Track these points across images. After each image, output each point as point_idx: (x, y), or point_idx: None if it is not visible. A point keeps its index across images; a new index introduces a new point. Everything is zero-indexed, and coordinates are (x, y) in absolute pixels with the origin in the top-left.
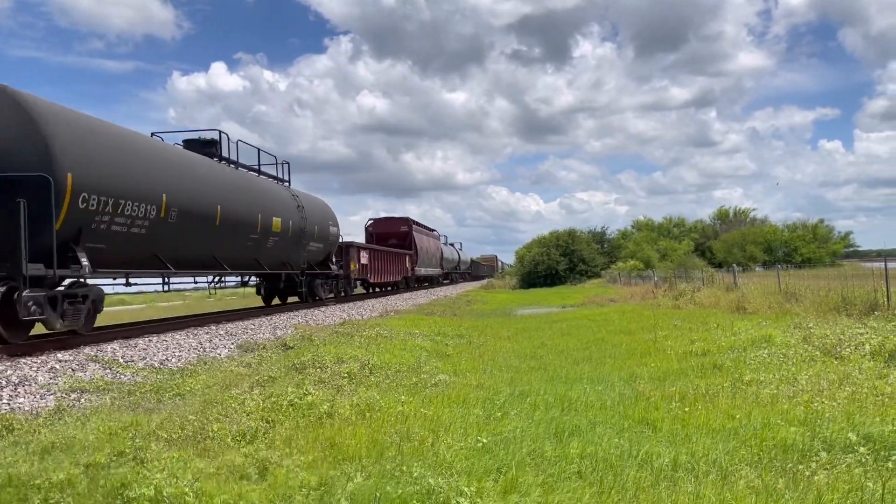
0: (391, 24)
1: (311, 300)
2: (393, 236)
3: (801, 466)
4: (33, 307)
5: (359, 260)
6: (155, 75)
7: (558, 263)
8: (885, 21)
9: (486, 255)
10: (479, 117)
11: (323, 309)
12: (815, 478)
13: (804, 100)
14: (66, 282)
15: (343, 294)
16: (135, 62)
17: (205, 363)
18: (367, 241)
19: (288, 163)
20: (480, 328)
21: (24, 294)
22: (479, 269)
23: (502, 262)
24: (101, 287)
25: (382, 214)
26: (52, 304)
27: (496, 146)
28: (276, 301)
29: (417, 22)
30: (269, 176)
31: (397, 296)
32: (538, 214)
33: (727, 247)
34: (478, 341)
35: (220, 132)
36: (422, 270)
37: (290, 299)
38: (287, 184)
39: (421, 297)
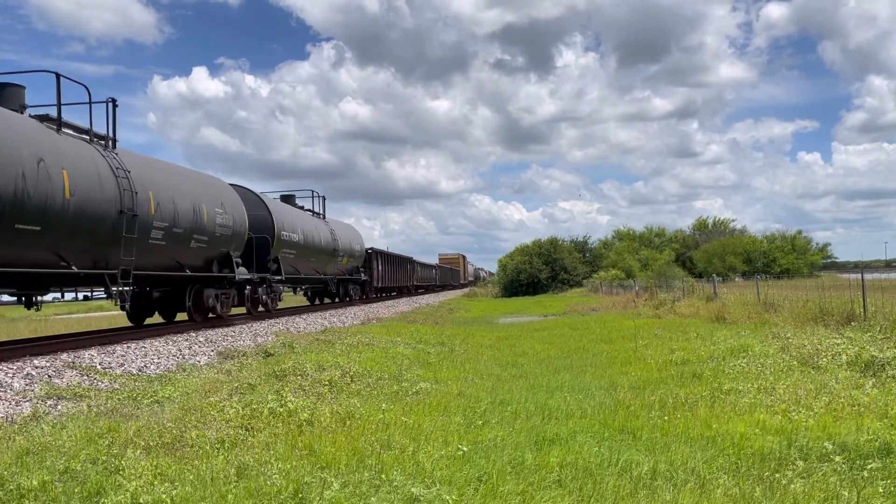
0: (374, 31)
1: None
2: None
3: (777, 475)
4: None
5: None
6: (135, 80)
7: (540, 272)
8: (863, 35)
9: (447, 254)
10: (462, 125)
11: (304, 316)
12: (792, 486)
13: (784, 112)
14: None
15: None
16: (115, 66)
17: (184, 370)
18: None
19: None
20: (462, 336)
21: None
22: (403, 274)
23: (476, 267)
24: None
25: (365, 222)
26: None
27: (479, 154)
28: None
29: (400, 30)
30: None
31: (380, 303)
32: (521, 223)
33: (707, 257)
34: (459, 349)
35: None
36: None
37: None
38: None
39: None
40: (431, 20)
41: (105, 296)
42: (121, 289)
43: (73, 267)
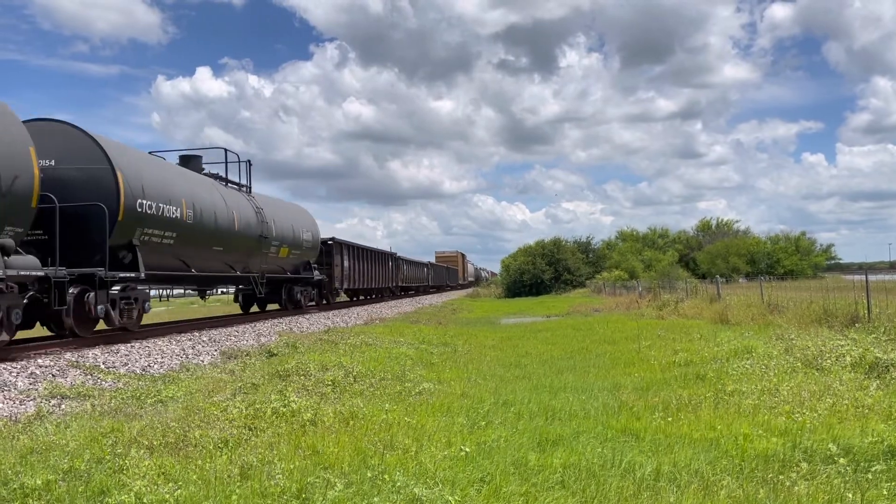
0: (377, 31)
1: None
2: None
3: (781, 477)
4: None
5: None
6: (139, 80)
7: (543, 273)
8: (868, 36)
9: (444, 251)
10: (466, 126)
11: (308, 316)
12: (796, 488)
13: (788, 113)
14: None
15: None
16: (119, 66)
17: (187, 370)
18: None
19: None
20: (465, 336)
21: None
22: (381, 273)
23: (477, 267)
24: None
25: (368, 222)
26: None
27: (482, 155)
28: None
29: (404, 30)
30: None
31: (382, 303)
32: (524, 223)
33: (711, 258)
34: (462, 349)
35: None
36: None
37: None
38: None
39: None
40: (435, 20)
41: None
42: None
43: None
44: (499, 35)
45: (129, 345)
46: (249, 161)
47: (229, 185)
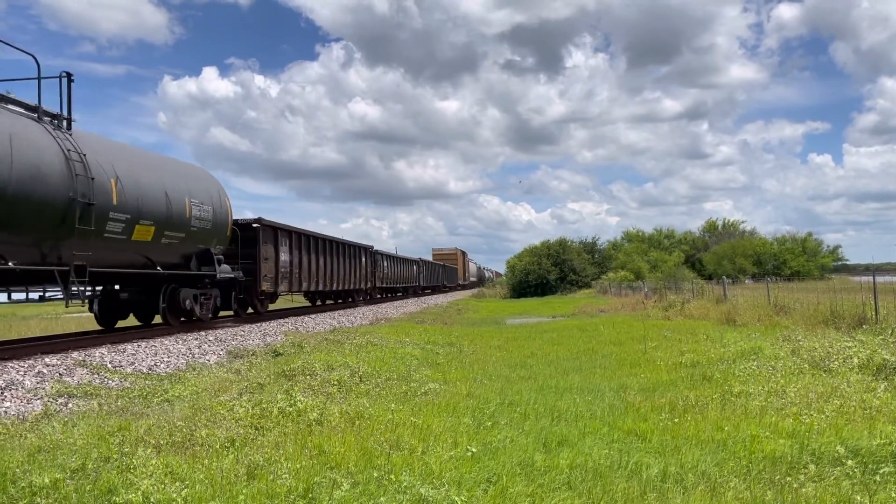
0: (383, 31)
1: None
2: None
3: (789, 479)
4: None
5: None
6: (146, 80)
7: (549, 273)
8: (876, 36)
9: (442, 249)
10: (471, 126)
11: (313, 316)
12: (803, 490)
13: (795, 113)
14: None
15: None
16: (126, 66)
17: (194, 369)
18: None
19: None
20: (471, 337)
21: None
22: (346, 270)
23: (480, 266)
24: None
25: (374, 222)
26: None
27: (488, 155)
28: None
29: (410, 30)
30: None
31: (388, 303)
32: (529, 224)
33: (717, 259)
34: (468, 350)
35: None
36: None
37: None
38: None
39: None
40: (440, 21)
41: None
42: None
43: None
44: (504, 35)
45: (135, 344)
46: (69, 74)
47: (6, 106)
